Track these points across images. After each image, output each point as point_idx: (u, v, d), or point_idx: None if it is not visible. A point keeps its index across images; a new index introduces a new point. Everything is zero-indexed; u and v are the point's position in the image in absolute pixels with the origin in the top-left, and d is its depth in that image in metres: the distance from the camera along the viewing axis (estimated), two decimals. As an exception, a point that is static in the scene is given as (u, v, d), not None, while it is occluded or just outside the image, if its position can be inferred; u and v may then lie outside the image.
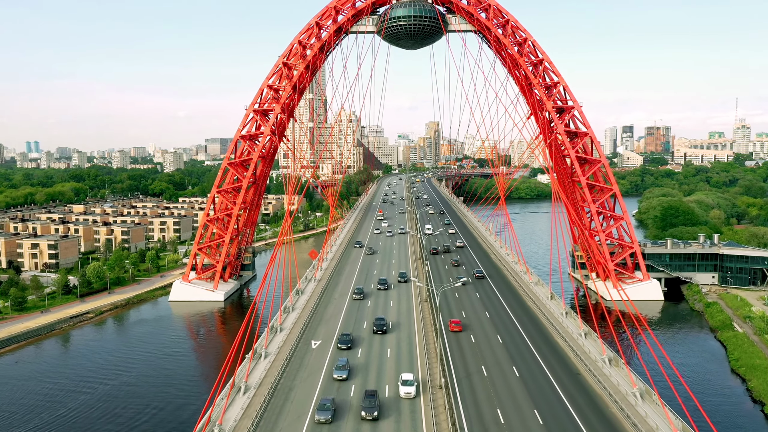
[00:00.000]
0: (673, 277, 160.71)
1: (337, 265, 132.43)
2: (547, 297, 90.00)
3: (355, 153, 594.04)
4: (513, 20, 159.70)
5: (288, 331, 74.89)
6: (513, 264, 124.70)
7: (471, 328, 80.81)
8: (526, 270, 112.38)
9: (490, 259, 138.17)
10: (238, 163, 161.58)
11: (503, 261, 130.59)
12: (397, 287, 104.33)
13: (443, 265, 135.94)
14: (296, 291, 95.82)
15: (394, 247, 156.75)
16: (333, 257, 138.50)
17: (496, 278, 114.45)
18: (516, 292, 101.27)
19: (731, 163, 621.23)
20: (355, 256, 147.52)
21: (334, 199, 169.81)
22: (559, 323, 77.77)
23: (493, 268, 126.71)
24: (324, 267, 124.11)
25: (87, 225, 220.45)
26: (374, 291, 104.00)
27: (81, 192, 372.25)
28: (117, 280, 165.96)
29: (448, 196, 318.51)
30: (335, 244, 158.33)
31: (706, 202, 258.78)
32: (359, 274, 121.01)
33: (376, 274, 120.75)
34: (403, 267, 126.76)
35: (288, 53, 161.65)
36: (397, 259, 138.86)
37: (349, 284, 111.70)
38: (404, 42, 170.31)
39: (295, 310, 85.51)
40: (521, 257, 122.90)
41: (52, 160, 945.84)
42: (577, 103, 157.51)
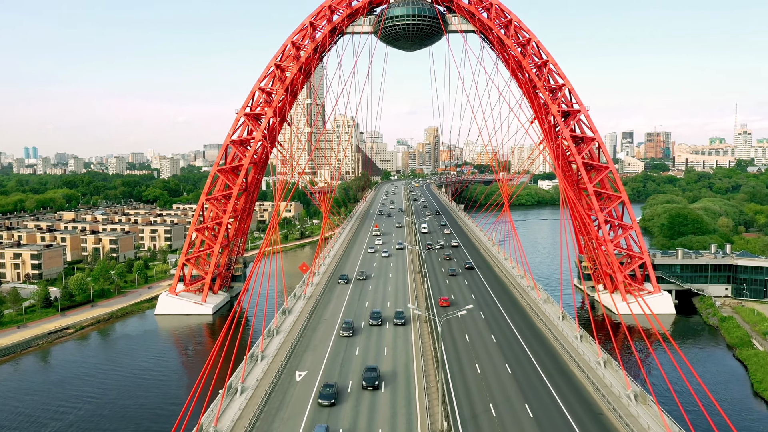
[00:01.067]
0: (685, 289, 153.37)
1: (330, 280, 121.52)
2: (559, 317, 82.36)
3: (353, 159, 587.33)
4: (516, 20, 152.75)
5: (270, 359, 66.74)
6: (519, 278, 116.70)
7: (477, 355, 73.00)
8: (534, 286, 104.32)
9: (494, 273, 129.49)
10: (228, 169, 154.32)
11: (508, 275, 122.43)
12: (393, 323, 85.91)
13: (440, 268, 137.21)
14: (283, 311, 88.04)
15: (390, 270, 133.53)
16: (326, 270, 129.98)
17: (503, 297, 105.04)
18: (524, 312, 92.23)
19: (733, 169, 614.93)
20: (350, 269, 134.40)
21: (327, 206, 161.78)
22: (574, 349, 70.00)
23: (498, 285, 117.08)
24: (315, 282, 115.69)
25: (74, 233, 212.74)
26: (366, 327, 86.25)
27: (73, 199, 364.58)
28: (101, 292, 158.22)
29: (447, 203, 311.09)
30: (329, 255, 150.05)
31: (713, 209, 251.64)
32: (348, 305, 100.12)
33: (368, 306, 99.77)
34: (401, 298, 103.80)
35: (280, 55, 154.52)
36: (393, 286, 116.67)
37: (338, 310, 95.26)
38: (402, 43, 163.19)
39: (281, 333, 77.60)
40: (528, 271, 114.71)
41: (48, 166, 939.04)
42: (583, 107, 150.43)
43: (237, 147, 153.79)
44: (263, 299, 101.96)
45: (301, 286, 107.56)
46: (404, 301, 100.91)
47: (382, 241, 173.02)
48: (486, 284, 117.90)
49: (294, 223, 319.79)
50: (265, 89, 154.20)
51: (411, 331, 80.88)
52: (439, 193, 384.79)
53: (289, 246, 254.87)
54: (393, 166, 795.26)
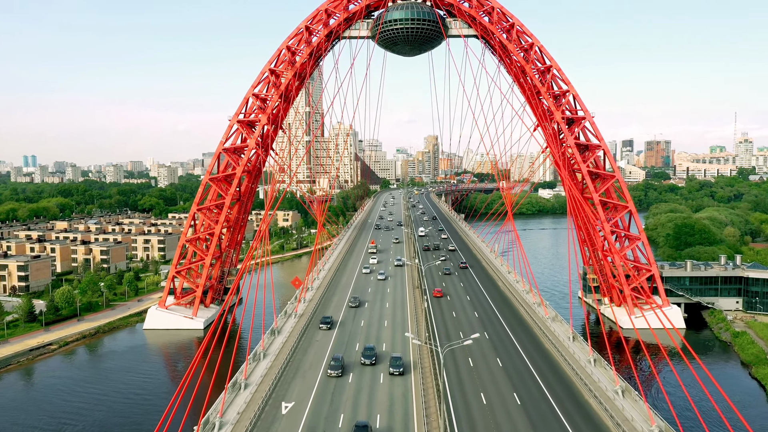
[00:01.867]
0: (694, 302, 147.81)
1: (323, 297, 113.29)
2: (569, 338, 76.52)
3: (352, 167, 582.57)
4: (518, 24, 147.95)
5: (254, 387, 60.76)
6: (524, 294, 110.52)
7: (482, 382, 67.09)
8: (541, 302, 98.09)
9: (498, 289, 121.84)
10: (221, 178, 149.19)
11: (512, 290, 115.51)
12: (387, 363, 71.46)
13: (440, 282, 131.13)
14: (271, 331, 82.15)
15: (387, 297, 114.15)
16: (320, 285, 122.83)
17: (507, 315, 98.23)
18: (531, 331, 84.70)
19: (735, 178, 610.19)
20: (338, 300, 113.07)
21: (322, 215, 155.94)
22: (588, 375, 64.02)
23: (502, 302, 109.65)
24: (308, 298, 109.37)
25: (64, 244, 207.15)
26: (357, 364, 72.68)
27: (67, 208, 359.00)
28: (89, 305, 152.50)
29: (447, 212, 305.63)
30: (324, 269, 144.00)
31: (719, 218, 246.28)
32: (337, 340, 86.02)
33: (361, 339, 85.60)
34: (399, 334, 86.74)
35: (275, 60, 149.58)
36: (390, 318, 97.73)
37: (326, 346, 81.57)
38: (401, 47, 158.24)
39: (268, 356, 71.69)
40: (535, 286, 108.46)
41: (46, 174, 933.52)
42: (588, 114, 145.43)
43: (230, 155, 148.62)
44: (252, 314, 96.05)
45: (292, 303, 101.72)
46: (403, 338, 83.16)
47: (378, 260, 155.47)
48: (489, 301, 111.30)
49: (291, 232, 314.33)
50: (259, 95, 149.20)
51: (411, 383, 65.77)
52: (438, 202, 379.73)
53: (286, 257, 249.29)
54: (392, 175, 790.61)
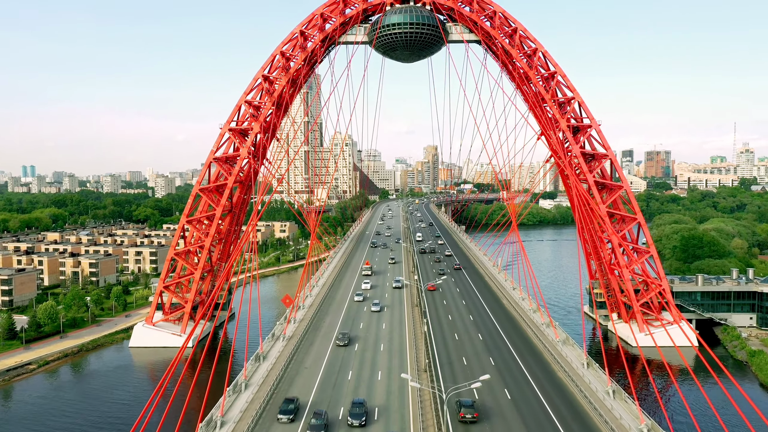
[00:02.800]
0: (705, 318, 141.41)
1: (315, 316, 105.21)
2: (583, 364, 69.88)
3: (351, 177, 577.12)
4: (521, 29, 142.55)
5: (232, 425, 54.35)
6: (531, 313, 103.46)
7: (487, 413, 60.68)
8: (551, 323, 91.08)
9: (503, 308, 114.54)
10: (212, 188, 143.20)
11: (519, 309, 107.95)
12: (380, 424, 58.97)
13: (441, 301, 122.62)
14: (255, 357, 75.66)
15: (382, 335, 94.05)
16: (312, 303, 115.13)
17: (514, 338, 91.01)
18: (540, 357, 77.75)
19: (737, 188, 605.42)
20: (328, 326, 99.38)
21: (315, 226, 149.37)
22: (607, 410, 57.08)
23: (508, 323, 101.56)
24: (298, 318, 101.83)
25: (52, 256, 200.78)
26: (342, 424, 59.81)
27: (60, 218, 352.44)
28: (73, 321, 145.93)
29: (448, 224, 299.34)
30: (317, 285, 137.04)
31: (726, 230, 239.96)
32: (324, 379, 74.05)
33: (349, 389, 70.67)
34: (395, 387, 70.71)
35: (269, 66, 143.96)
36: (386, 362, 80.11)
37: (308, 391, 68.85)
38: (400, 53, 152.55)
39: (249, 387, 64.99)
40: (543, 305, 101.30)
41: (43, 185, 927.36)
42: (594, 122, 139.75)
43: (221, 164, 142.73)
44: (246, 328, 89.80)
45: (281, 323, 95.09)
46: (399, 388, 69.18)
47: (372, 284, 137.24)
48: (494, 321, 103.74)
49: (288, 244, 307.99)
50: (252, 102, 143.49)
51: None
52: (438, 213, 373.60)
53: (281, 269, 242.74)
54: (391, 185, 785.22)
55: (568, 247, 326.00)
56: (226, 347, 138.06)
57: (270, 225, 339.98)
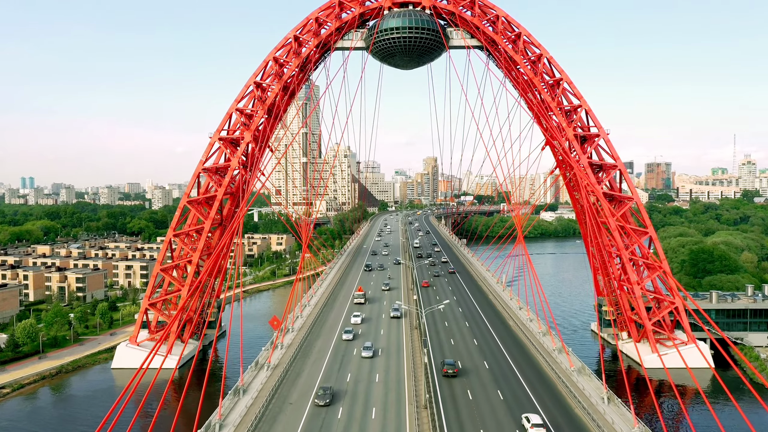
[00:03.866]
0: (720, 337, 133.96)
1: (303, 341, 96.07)
2: (603, 398, 62.57)
3: (350, 189, 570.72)
4: (525, 34, 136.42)
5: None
6: (540, 336, 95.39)
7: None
8: (563, 349, 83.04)
9: (510, 331, 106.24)
10: (202, 200, 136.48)
11: (526, 331, 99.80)
12: None
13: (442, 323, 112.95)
14: (234, 390, 68.33)
15: (374, 394, 74.31)
16: (303, 325, 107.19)
17: (522, 365, 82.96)
18: (552, 388, 70.30)
19: (740, 200, 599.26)
20: (308, 377, 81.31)
21: (308, 237, 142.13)
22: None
23: (516, 348, 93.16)
24: (286, 343, 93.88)
25: (38, 270, 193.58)
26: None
27: (52, 231, 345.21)
28: (54, 340, 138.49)
29: (448, 236, 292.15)
30: (309, 304, 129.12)
31: (734, 243, 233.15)
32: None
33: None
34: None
35: (261, 72, 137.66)
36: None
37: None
38: (398, 59, 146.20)
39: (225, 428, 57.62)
40: (555, 328, 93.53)
41: (40, 196, 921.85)
42: (602, 131, 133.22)
43: (211, 175, 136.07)
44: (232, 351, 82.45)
45: (267, 348, 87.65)
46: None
47: (365, 317, 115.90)
48: (501, 347, 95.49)
49: (285, 257, 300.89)
50: (244, 110, 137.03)
51: None
52: (438, 226, 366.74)
53: (277, 283, 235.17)
54: (391, 197, 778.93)
55: (571, 261, 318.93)
56: (215, 367, 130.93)
57: (267, 237, 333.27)
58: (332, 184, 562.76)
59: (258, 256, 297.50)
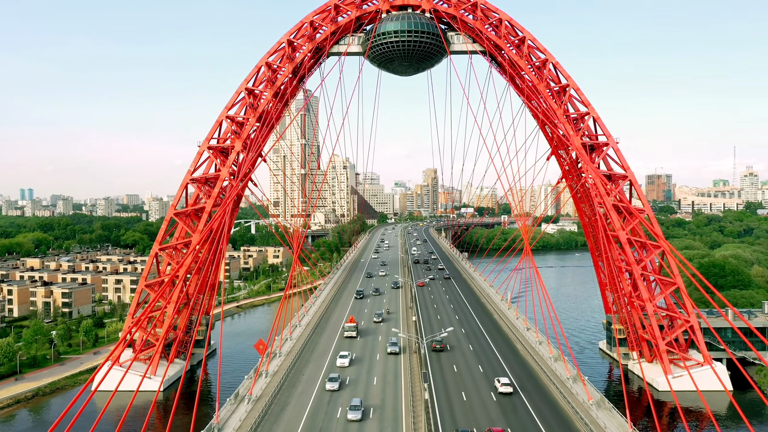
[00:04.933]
0: (737, 357, 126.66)
1: (291, 369, 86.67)
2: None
3: (349, 201, 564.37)
4: (530, 38, 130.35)
5: None
6: (551, 362, 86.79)
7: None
8: (579, 377, 74.28)
9: (516, 354, 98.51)
10: (190, 212, 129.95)
11: (536, 356, 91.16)
12: None
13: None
14: (209, 429, 61.14)
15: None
16: (291, 349, 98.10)
17: (536, 401, 74.25)
18: (570, 426, 63.45)
19: (743, 212, 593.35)
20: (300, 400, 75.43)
21: (298, 249, 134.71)
22: None
23: (524, 373, 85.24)
24: (271, 370, 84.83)
25: (23, 285, 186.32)
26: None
27: (43, 243, 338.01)
28: (33, 360, 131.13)
29: (449, 250, 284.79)
30: (300, 324, 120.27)
31: (743, 256, 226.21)
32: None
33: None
34: None
35: (253, 78, 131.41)
36: None
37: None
38: (397, 65, 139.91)
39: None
40: (570, 351, 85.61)
41: (38, 208, 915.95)
42: (612, 139, 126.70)
43: (200, 186, 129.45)
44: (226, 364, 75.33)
45: (250, 377, 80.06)
46: None
47: (353, 357, 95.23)
48: (510, 374, 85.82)
49: (281, 270, 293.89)
50: (235, 118, 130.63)
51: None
52: (438, 238, 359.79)
53: (272, 298, 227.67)
54: (390, 209, 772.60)
55: (572, 274, 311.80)
56: (204, 389, 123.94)
57: (263, 250, 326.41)
58: (331, 195, 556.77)
59: (254, 269, 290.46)
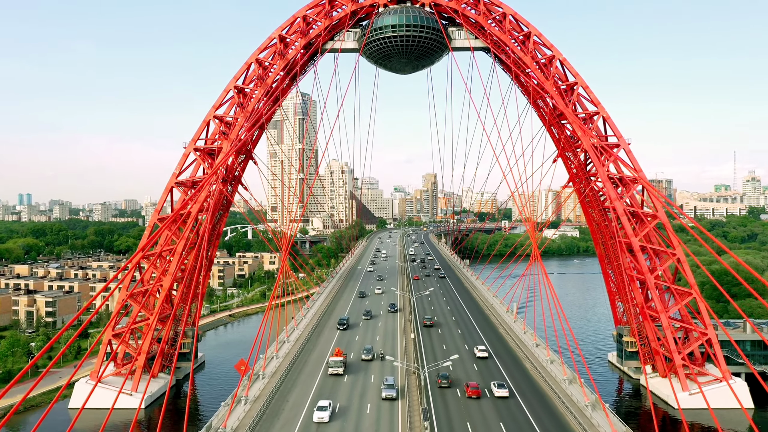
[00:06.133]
0: (757, 372, 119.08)
1: (273, 394, 76.78)
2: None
3: (347, 206, 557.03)
4: (536, 33, 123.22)
5: None
6: (564, 384, 76.79)
7: None
8: (603, 408, 65.66)
9: (526, 374, 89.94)
10: (176, 217, 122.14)
11: (546, 375, 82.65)
12: None
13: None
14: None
15: None
16: (277, 370, 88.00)
17: (545, 421, 67.28)
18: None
19: (746, 217, 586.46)
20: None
21: (286, 253, 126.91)
22: None
23: (535, 397, 76.99)
24: (251, 396, 74.96)
25: (5, 293, 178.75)
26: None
27: (34, 249, 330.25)
28: (8, 374, 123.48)
29: (449, 257, 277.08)
30: (289, 340, 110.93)
31: (754, 263, 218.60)
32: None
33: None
34: None
35: (242, 76, 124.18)
36: None
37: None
38: (395, 62, 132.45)
39: None
40: (587, 371, 77.59)
41: (34, 213, 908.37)
42: (623, 140, 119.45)
43: (186, 190, 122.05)
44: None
45: (226, 405, 71.71)
46: None
47: (335, 409, 73.58)
48: (521, 401, 75.98)
49: (277, 277, 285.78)
50: (223, 118, 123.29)
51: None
52: (438, 244, 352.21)
53: (267, 306, 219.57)
54: (389, 214, 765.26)
55: (575, 281, 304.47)
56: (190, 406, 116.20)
57: (259, 256, 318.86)
58: (329, 200, 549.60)
59: (249, 276, 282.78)
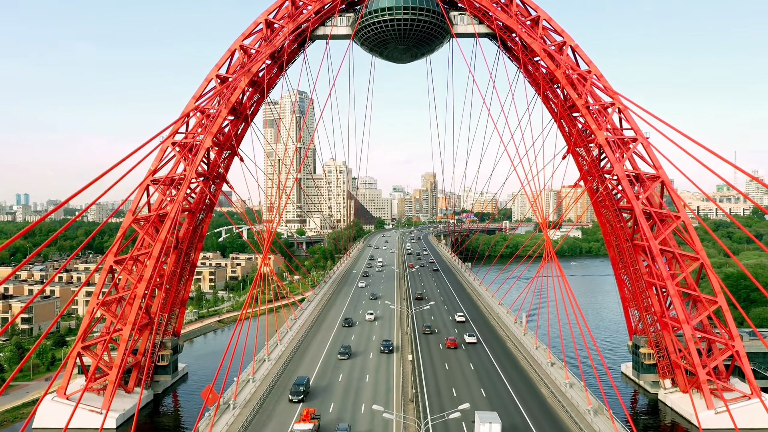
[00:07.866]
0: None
1: None
2: None
3: (345, 206, 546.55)
4: (545, 17, 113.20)
5: None
6: (588, 414, 66.34)
7: None
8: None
9: (542, 403, 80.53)
10: (153, 218, 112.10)
11: (566, 404, 73.36)
12: None
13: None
14: None
15: None
16: (250, 399, 76.64)
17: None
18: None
19: (750, 217, 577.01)
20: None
21: (265, 252, 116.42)
22: None
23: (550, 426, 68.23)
24: (229, 421, 66.47)
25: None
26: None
27: (20, 251, 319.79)
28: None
29: (450, 259, 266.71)
30: (268, 358, 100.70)
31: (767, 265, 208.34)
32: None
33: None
34: None
35: (226, 64, 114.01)
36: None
37: None
38: (392, 49, 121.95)
39: None
40: (603, 400, 67.29)
41: (29, 213, 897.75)
42: (641, 134, 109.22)
43: (164, 188, 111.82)
44: None
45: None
46: None
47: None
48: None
49: (271, 279, 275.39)
50: (205, 110, 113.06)
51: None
52: (437, 245, 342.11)
53: (260, 310, 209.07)
54: (388, 214, 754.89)
55: (577, 284, 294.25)
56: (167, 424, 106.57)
57: (253, 258, 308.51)
58: (326, 200, 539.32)
59: (242, 278, 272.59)
